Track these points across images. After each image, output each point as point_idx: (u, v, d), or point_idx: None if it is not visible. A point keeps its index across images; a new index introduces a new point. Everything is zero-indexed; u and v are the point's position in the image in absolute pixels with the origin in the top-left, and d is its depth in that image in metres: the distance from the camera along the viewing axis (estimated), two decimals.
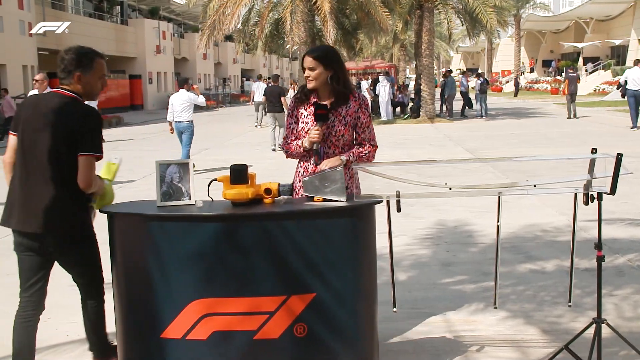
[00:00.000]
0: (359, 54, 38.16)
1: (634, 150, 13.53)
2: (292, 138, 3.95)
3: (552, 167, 11.14)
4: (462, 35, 53.44)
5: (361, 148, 3.91)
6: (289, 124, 3.98)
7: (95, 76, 3.52)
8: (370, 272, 3.39)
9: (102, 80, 3.56)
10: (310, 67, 3.83)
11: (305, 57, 3.86)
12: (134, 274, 3.29)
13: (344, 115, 3.87)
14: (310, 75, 3.84)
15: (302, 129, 3.91)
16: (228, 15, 24.04)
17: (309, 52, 3.88)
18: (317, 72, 3.82)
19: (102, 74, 3.56)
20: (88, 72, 3.49)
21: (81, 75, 3.48)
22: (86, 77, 3.49)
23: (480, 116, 26.47)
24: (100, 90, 3.58)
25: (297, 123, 3.95)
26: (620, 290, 5.18)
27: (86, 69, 3.49)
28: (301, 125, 3.92)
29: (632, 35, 47.22)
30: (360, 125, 3.92)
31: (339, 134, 3.86)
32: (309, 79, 3.86)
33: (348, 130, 3.88)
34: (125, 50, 40.94)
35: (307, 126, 3.88)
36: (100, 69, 3.54)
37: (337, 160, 3.80)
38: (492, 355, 4.06)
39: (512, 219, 7.59)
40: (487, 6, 25.59)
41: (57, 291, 5.63)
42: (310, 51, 3.89)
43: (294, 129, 3.95)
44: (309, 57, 3.84)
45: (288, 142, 3.97)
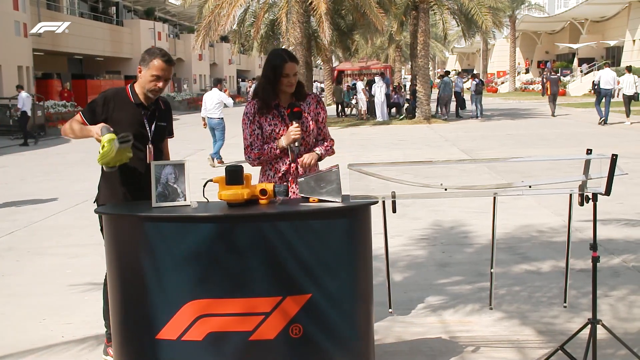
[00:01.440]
0: (355, 54, 38.22)
1: (629, 151, 13.57)
2: (258, 144, 3.90)
3: (547, 168, 11.16)
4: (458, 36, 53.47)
5: (326, 142, 4.05)
6: (252, 131, 3.91)
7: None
8: (366, 273, 3.38)
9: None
10: (294, 73, 3.86)
11: (289, 63, 3.82)
12: (129, 275, 3.28)
13: (308, 112, 3.97)
14: (293, 80, 3.86)
15: (271, 131, 3.89)
16: (223, 16, 24.04)
17: (292, 59, 3.85)
18: (296, 76, 3.89)
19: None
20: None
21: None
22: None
23: (476, 117, 26.52)
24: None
25: (260, 129, 3.91)
26: (616, 291, 5.19)
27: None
28: (269, 128, 3.89)
29: (627, 36, 47.34)
30: (321, 121, 4.03)
31: (309, 130, 3.94)
32: (291, 83, 3.85)
33: (315, 126, 3.98)
34: (120, 51, 40.90)
35: (277, 128, 3.88)
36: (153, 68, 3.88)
37: (314, 154, 3.93)
38: (488, 355, 4.07)
39: (508, 219, 7.60)
40: (482, 7, 25.63)
41: (53, 292, 5.64)
42: (291, 57, 3.87)
43: (258, 134, 3.91)
44: (294, 63, 3.85)
45: (255, 149, 3.89)
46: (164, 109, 4.12)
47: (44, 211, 9.27)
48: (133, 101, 3.93)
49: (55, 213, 9.14)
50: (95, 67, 41.22)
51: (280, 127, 3.89)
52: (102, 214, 3.37)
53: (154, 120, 3.99)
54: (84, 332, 4.63)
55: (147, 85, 3.88)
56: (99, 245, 3.52)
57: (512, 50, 57.40)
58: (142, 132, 3.92)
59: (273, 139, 3.89)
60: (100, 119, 3.84)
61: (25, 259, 6.79)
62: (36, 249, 7.18)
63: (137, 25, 42.54)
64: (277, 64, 3.82)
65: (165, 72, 3.89)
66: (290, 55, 3.90)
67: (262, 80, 3.91)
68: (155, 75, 3.85)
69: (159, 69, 3.85)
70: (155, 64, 3.85)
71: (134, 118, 3.91)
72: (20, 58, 27.83)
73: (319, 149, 3.98)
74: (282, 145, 3.86)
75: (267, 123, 3.90)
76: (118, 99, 3.94)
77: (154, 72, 3.85)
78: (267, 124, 3.90)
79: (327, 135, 4.09)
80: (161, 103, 4.10)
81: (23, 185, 12.14)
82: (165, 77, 3.89)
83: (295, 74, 3.88)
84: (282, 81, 3.84)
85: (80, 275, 6.04)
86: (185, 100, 43.16)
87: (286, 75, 3.83)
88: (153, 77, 3.85)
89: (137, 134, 3.83)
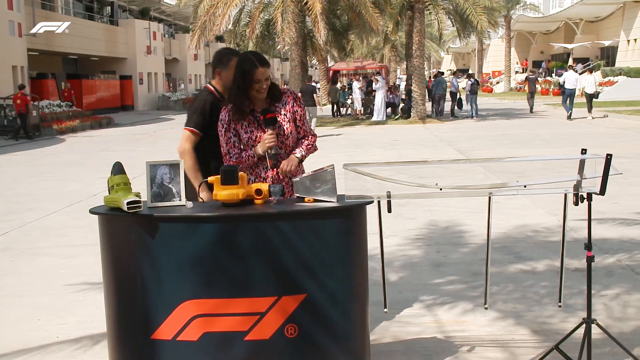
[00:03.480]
0: (350, 54, 38.22)
1: (623, 151, 13.61)
2: (235, 152, 3.83)
3: (542, 168, 11.18)
4: (453, 36, 53.54)
5: (306, 140, 3.95)
6: (227, 139, 3.83)
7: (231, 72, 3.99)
8: (362, 273, 3.39)
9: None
10: (266, 78, 3.75)
11: (260, 69, 3.70)
12: (124, 275, 3.28)
13: (284, 113, 3.87)
14: (265, 85, 3.76)
15: (248, 138, 3.81)
16: (219, 15, 24.03)
17: (263, 63, 3.72)
18: (268, 80, 3.78)
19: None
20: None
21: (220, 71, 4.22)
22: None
23: (471, 117, 26.56)
24: None
25: (237, 136, 3.83)
26: (610, 290, 5.21)
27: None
28: (245, 135, 3.81)
29: (622, 36, 47.45)
30: (299, 119, 3.93)
31: (287, 132, 3.86)
32: (263, 88, 3.75)
33: (293, 126, 3.90)
34: (115, 51, 40.80)
35: (253, 135, 3.80)
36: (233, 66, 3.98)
37: (294, 159, 3.85)
38: (483, 355, 4.07)
39: (503, 219, 7.62)
40: (477, 7, 25.67)
41: (48, 293, 5.63)
42: (262, 62, 3.74)
43: (235, 142, 3.84)
44: (265, 67, 3.73)
45: (233, 157, 3.83)
46: None
47: (39, 211, 9.25)
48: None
49: (50, 213, 9.12)
50: (90, 67, 41.13)
51: (257, 133, 3.80)
52: (97, 214, 3.36)
53: None
54: (78, 333, 4.62)
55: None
56: (94, 245, 3.51)
57: (507, 50, 57.48)
58: None
59: (251, 146, 3.81)
60: (207, 123, 4.08)
61: (20, 259, 6.78)
62: (31, 250, 7.16)
63: (132, 25, 42.44)
64: (246, 70, 3.70)
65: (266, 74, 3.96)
66: (260, 59, 3.76)
67: (233, 86, 3.78)
68: (258, 80, 3.87)
69: (261, 74, 3.90)
70: (234, 63, 3.94)
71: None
72: (14, 58, 27.75)
73: (299, 151, 3.88)
74: (259, 153, 3.78)
75: (243, 130, 3.81)
76: (213, 102, 4.11)
77: (260, 77, 3.90)
78: (243, 131, 3.81)
79: (308, 132, 3.97)
80: None
81: (18, 185, 12.12)
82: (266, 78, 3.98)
83: (268, 78, 3.75)
84: (253, 87, 3.73)
85: (75, 275, 6.02)
86: (180, 100, 43.10)
87: (257, 80, 3.71)
88: (258, 82, 3.85)
89: None
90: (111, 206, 3.28)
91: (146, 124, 29.13)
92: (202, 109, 4.15)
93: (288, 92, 3.97)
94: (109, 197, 3.30)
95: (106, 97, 38.79)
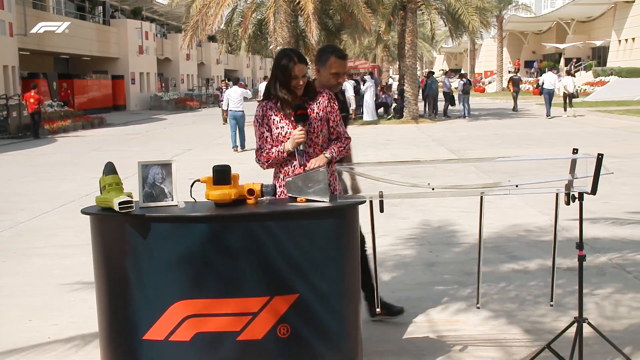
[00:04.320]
0: None
1: (614, 150, 13.66)
2: (267, 147, 3.83)
3: (534, 168, 11.21)
4: (445, 36, 53.57)
5: (339, 143, 3.92)
6: (261, 134, 3.84)
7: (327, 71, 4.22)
8: (354, 273, 3.39)
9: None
10: (303, 75, 3.77)
11: (299, 64, 3.72)
12: (116, 275, 3.27)
13: (317, 112, 3.86)
14: (302, 82, 3.77)
15: (278, 134, 3.81)
16: (211, 15, 23.99)
17: (301, 60, 3.75)
18: (305, 77, 3.81)
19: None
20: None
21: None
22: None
23: (464, 116, 26.61)
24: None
25: (269, 131, 3.84)
26: (602, 290, 5.23)
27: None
28: (277, 131, 3.81)
29: (613, 36, 47.67)
30: (333, 119, 3.91)
31: (317, 131, 3.84)
32: (300, 84, 3.77)
33: (324, 126, 3.88)
34: (107, 51, 40.69)
35: (283, 130, 3.80)
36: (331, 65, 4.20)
37: (323, 158, 3.78)
38: (475, 355, 4.08)
39: (495, 219, 7.64)
40: (469, 7, 25.73)
41: (40, 293, 5.61)
42: (300, 58, 3.76)
43: (267, 137, 3.84)
44: (303, 64, 3.76)
45: (264, 152, 3.83)
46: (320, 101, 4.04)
47: (31, 212, 9.21)
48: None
49: (42, 213, 9.09)
50: (82, 67, 40.99)
51: (288, 129, 3.79)
52: (89, 215, 3.35)
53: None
54: (70, 333, 4.61)
55: (328, 82, 4.19)
56: (86, 245, 3.50)
57: (499, 50, 57.63)
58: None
59: (281, 142, 3.81)
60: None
61: (12, 259, 6.75)
62: (23, 250, 7.13)
63: (124, 24, 42.32)
64: (285, 65, 3.72)
65: (342, 68, 4.20)
66: (299, 56, 3.78)
67: (274, 81, 3.79)
68: (334, 73, 4.16)
69: (336, 65, 4.17)
70: (332, 62, 4.17)
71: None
72: (5, 57, 27.62)
73: (329, 151, 3.84)
74: (288, 149, 3.77)
75: (274, 126, 3.81)
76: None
77: (333, 69, 4.17)
78: (274, 127, 3.81)
79: (342, 134, 3.95)
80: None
81: (10, 185, 12.07)
82: (343, 72, 4.21)
83: (305, 75, 3.78)
84: (290, 83, 3.74)
85: (68, 276, 6.00)
86: (173, 100, 43.02)
87: (295, 77, 3.73)
88: (332, 74, 4.17)
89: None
90: (103, 206, 3.28)
91: (138, 124, 29.06)
92: None
93: (324, 92, 3.94)
94: (101, 197, 3.29)
95: (98, 97, 38.67)
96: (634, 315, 4.69)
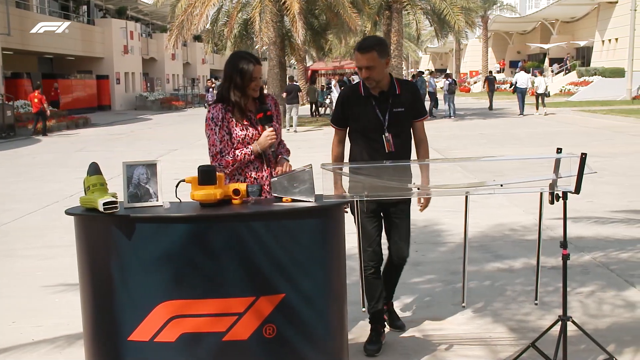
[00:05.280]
0: (328, 54, 38.24)
1: (598, 150, 13.77)
2: (229, 150, 3.79)
3: (518, 167, 11.26)
4: (431, 36, 53.79)
5: (283, 142, 4.08)
6: (222, 137, 3.78)
7: None
8: (340, 273, 3.39)
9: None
10: (260, 76, 3.84)
11: (257, 66, 3.79)
12: (100, 276, 3.25)
13: (275, 113, 3.98)
14: (260, 83, 3.87)
15: (245, 136, 3.80)
16: (196, 15, 23.93)
17: (258, 62, 3.82)
18: (261, 79, 3.90)
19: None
20: None
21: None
22: None
23: (449, 116, 26.71)
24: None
25: (229, 134, 3.80)
26: (586, 288, 5.27)
27: None
28: (242, 133, 3.79)
29: (596, 36, 48.01)
30: (277, 122, 4.00)
31: (278, 132, 3.93)
32: (258, 86, 3.83)
33: (279, 127, 3.99)
34: (92, 50, 40.41)
35: (250, 132, 3.81)
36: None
37: (287, 163, 3.93)
38: (461, 354, 4.10)
39: (480, 218, 7.67)
40: (454, 7, 25.86)
41: (24, 295, 5.57)
42: (258, 60, 3.83)
43: (228, 140, 3.80)
44: (260, 66, 3.82)
45: (228, 156, 3.77)
46: (400, 94, 4.12)
47: (15, 212, 9.14)
48: (363, 94, 4.09)
49: (26, 214, 9.02)
50: (66, 67, 40.69)
51: (253, 131, 3.82)
52: (73, 215, 3.33)
53: (388, 108, 4.06)
54: (54, 334, 4.58)
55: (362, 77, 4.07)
56: (70, 246, 3.48)
57: (484, 50, 57.90)
58: (376, 122, 4.07)
59: (246, 144, 3.81)
60: (344, 117, 4.17)
61: None
62: (7, 251, 7.08)
63: (109, 24, 42.07)
64: (245, 68, 3.74)
65: (363, 61, 3.98)
66: (256, 58, 3.85)
67: (229, 85, 3.79)
68: (358, 67, 4.04)
69: (357, 60, 4.04)
70: (355, 57, 4.05)
71: (365, 110, 4.07)
72: None
73: (286, 154, 4.00)
74: (257, 151, 3.80)
75: (238, 128, 3.80)
76: (352, 95, 4.18)
77: (357, 63, 4.06)
78: (238, 129, 3.80)
79: (280, 134, 4.08)
80: (397, 88, 4.13)
81: None
82: (366, 65, 3.98)
83: (261, 77, 3.85)
84: (250, 85, 3.77)
85: (52, 277, 5.96)
86: (158, 100, 42.83)
87: (254, 78, 3.77)
88: (358, 70, 4.07)
89: (370, 125, 4.06)
90: (87, 207, 3.26)
91: (123, 124, 28.91)
92: (337, 101, 4.35)
93: (270, 96, 4.05)
94: (85, 198, 3.27)
95: (83, 97, 38.41)
96: (617, 313, 4.73)
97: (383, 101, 4.07)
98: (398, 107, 4.08)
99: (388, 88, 4.07)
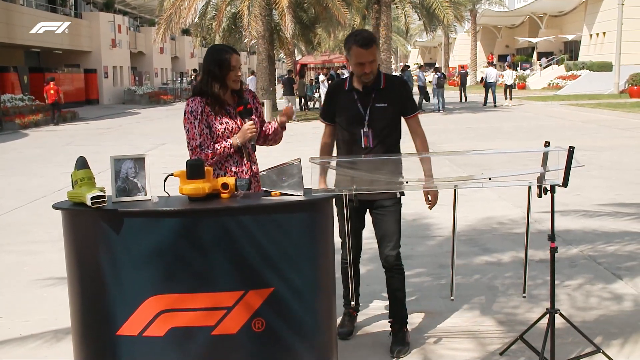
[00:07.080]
0: (317, 48, 38.21)
1: (585, 144, 13.84)
2: (208, 144, 3.76)
3: (506, 161, 11.29)
4: (420, 29, 53.83)
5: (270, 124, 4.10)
6: (201, 130, 3.75)
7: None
8: (328, 267, 3.39)
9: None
10: (239, 66, 3.86)
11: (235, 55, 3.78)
12: (88, 271, 3.24)
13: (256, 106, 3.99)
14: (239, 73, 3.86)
15: (225, 129, 3.78)
16: (185, 8, 23.84)
17: (235, 51, 3.82)
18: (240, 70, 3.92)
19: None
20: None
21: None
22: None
23: (438, 110, 26.76)
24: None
25: (208, 128, 3.78)
26: (573, 281, 5.30)
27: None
28: (221, 126, 3.77)
29: (584, 30, 48.22)
30: (259, 115, 4.00)
31: (257, 126, 3.90)
32: (238, 76, 3.83)
33: (258, 121, 3.99)
34: (79, 44, 40.12)
35: (229, 126, 3.79)
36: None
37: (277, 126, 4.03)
38: (450, 346, 4.12)
39: (469, 212, 7.70)
40: (443, 1, 25.89)
41: (11, 290, 5.54)
42: (235, 50, 3.85)
43: (207, 134, 3.77)
44: (238, 55, 3.82)
45: (208, 150, 3.75)
46: (384, 89, 4.06)
47: (1, 207, 9.08)
48: (346, 88, 4.05)
49: (13, 209, 8.97)
50: (54, 61, 40.38)
51: (232, 124, 3.80)
52: (60, 210, 3.31)
53: (369, 103, 4.01)
54: (42, 329, 4.56)
55: (356, 73, 3.98)
56: (57, 241, 3.46)
57: (473, 44, 57.99)
58: (357, 116, 4.02)
59: (226, 137, 3.79)
60: (331, 112, 4.14)
61: None
62: None
63: (97, 17, 41.78)
64: (222, 58, 3.72)
65: (368, 56, 3.90)
66: (233, 48, 3.85)
67: (208, 78, 3.76)
68: (360, 63, 3.91)
69: (359, 56, 3.91)
70: (354, 52, 3.91)
71: (347, 104, 4.03)
72: None
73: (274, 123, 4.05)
74: (237, 144, 3.77)
75: (217, 122, 3.78)
76: (337, 89, 4.17)
77: (357, 59, 3.92)
78: (218, 123, 3.78)
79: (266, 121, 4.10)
80: (382, 83, 4.06)
81: None
82: (371, 60, 3.91)
83: (239, 67, 3.84)
84: (229, 76, 3.75)
85: (38, 272, 5.93)
86: (146, 94, 42.63)
87: (233, 68, 3.74)
88: (356, 65, 3.93)
89: (351, 119, 4.03)
90: (75, 201, 3.24)
91: (112, 118, 28.78)
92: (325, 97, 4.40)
93: (247, 90, 4.03)
94: (73, 192, 3.25)
95: (70, 91, 38.12)
96: (604, 305, 4.77)
97: (365, 95, 4.03)
98: (381, 102, 4.03)
99: (373, 83, 4.05)
